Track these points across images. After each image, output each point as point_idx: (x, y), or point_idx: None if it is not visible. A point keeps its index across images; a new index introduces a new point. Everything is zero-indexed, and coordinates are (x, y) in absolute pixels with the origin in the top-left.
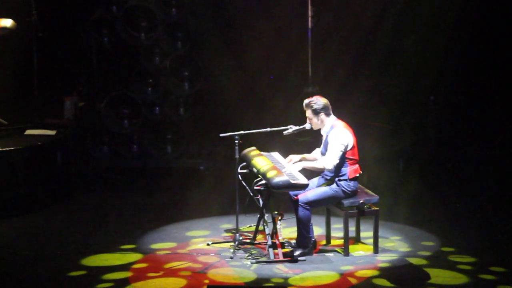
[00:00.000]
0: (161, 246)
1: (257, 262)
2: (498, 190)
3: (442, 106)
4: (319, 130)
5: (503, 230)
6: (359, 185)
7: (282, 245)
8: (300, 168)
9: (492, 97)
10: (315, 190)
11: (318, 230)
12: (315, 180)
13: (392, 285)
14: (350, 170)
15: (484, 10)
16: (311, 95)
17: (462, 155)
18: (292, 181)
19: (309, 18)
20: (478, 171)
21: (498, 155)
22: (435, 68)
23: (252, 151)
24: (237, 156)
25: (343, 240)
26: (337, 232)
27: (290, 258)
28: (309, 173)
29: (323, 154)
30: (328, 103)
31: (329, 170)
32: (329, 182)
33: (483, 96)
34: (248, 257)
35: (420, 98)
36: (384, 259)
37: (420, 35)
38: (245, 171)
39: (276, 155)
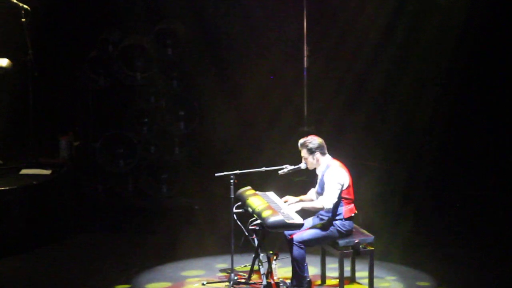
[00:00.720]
0: (156, 286)
1: None
2: (494, 230)
3: (437, 146)
4: (314, 169)
5: (499, 272)
6: (354, 224)
7: (277, 285)
8: (298, 209)
9: (487, 139)
10: (310, 229)
11: (313, 270)
12: (310, 220)
13: None
14: (345, 209)
15: (477, 50)
16: (306, 134)
17: (458, 195)
18: (287, 221)
19: (305, 58)
20: (473, 211)
21: (493, 195)
22: (429, 108)
23: (247, 191)
24: (232, 196)
25: (338, 280)
26: (332, 272)
27: None
28: (304, 212)
29: (318, 193)
30: (323, 142)
31: (328, 210)
32: (324, 222)
33: (478, 137)
34: None
35: (415, 138)
36: None
37: (414, 76)
38: (240, 210)
39: (271, 194)
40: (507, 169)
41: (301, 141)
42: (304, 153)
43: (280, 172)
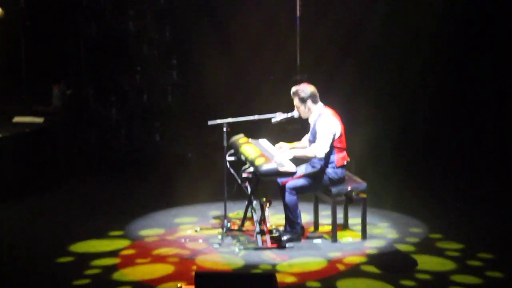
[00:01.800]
0: (150, 232)
1: (245, 249)
2: (486, 179)
3: (432, 91)
4: (307, 117)
5: (491, 217)
6: (347, 172)
7: (270, 231)
8: (290, 157)
9: (482, 90)
10: (302, 177)
11: (306, 217)
12: (303, 167)
13: (380, 271)
14: (337, 157)
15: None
16: (299, 82)
17: (452, 142)
18: (280, 169)
19: (298, 6)
20: (467, 160)
21: (487, 145)
22: (424, 54)
23: (240, 139)
24: (225, 144)
25: (331, 227)
26: (325, 219)
27: (278, 244)
28: (297, 160)
29: (311, 141)
30: (315, 90)
31: (320, 158)
32: (316, 169)
33: (472, 85)
34: (236, 244)
35: (409, 83)
36: (372, 245)
37: (408, 24)
38: (233, 158)
39: (264, 142)
40: (502, 117)
41: (293, 89)
42: (296, 101)
43: (272, 120)
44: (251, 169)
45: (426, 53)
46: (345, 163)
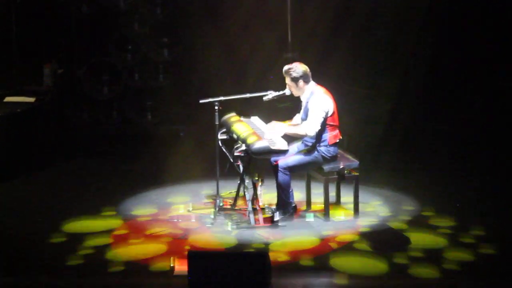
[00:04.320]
0: (142, 212)
1: (237, 228)
2: (477, 154)
3: (424, 71)
4: (299, 96)
5: (482, 193)
6: (339, 150)
7: (263, 210)
8: (281, 134)
9: (472, 62)
10: (295, 155)
11: (298, 195)
12: (295, 146)
13: (372, 249)
14: (330, 136)
15: None
16: (291, 61)
17: (442, 120)
18: (272, 147)
19: None
20: (457, 136)
21: (478, 120)
22: (415, 32)
23: (232, 117)
24: (217, 122)
25: (323, 205)
26: (317, 197)
27: (270, 223)
28: (289, 138)
29: (303, 120)
30: (308, 70)
31: (311, 137)
32: (309, 147)
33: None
34: (229, 223)
35: (400, 63)
36: (364, 223)
37: (399, 1)
38: (225, 137)
39: (256, 120)
40: (495, 90)
41: (285, 68)
42: (288, 80)
43: (264, 98)
44: (243, 147)
45: (418, 29)
46: (338, 141)
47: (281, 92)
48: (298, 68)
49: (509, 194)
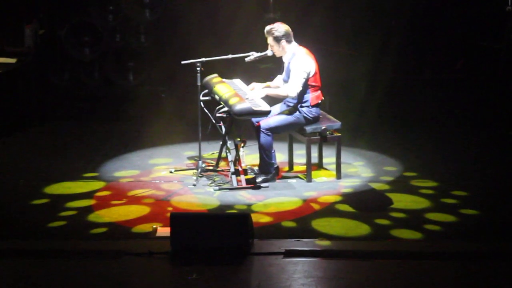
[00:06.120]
0: (124, 174)
1: (220, 189)
2: (459, 115)
3: (404, 31)
4: (281, 56)
5: (464, 155)
6: (321, 111)
7: (245, 172)
8: (263, 95)
9: (453, 21)
10: (277, 116)
11: (280, 157)
12: (277, 107)
13: (354, 210)
14: (312, 96)
15: None
16: (272, 21)
17: (422, 80)
18: (254, 108)
19: None
20: (438, 95)
21: (459, 78)
22: None
23: (214, 78)
24: (199, 83)
25: (305, 166)
26: (299, 158)
27: (253, 184)
28: (271, 100)
29: (285, 81)
30: (290, 30)
31: (292, 98)
32: (291, 108)
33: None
34: (211, 184)
35: (382, 20)
36: (346, 184)
37: None
38: (207, 98)
39: (238, 82)
40: (477, 51)
41: (267, 28)
42: (270, 40)
43: (246, 59)
44: (225, 108)
45: None
46: (320, 102)
47: (263, 53)
48: (280, 27)
49: (491, 151)
